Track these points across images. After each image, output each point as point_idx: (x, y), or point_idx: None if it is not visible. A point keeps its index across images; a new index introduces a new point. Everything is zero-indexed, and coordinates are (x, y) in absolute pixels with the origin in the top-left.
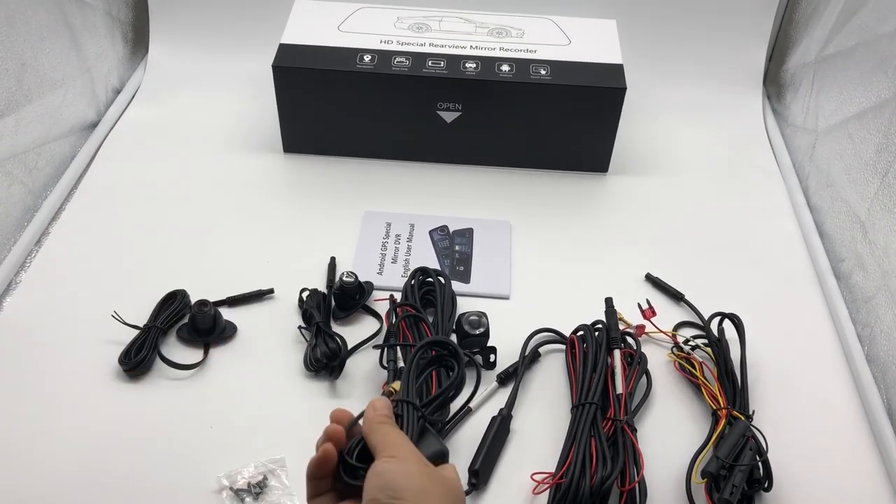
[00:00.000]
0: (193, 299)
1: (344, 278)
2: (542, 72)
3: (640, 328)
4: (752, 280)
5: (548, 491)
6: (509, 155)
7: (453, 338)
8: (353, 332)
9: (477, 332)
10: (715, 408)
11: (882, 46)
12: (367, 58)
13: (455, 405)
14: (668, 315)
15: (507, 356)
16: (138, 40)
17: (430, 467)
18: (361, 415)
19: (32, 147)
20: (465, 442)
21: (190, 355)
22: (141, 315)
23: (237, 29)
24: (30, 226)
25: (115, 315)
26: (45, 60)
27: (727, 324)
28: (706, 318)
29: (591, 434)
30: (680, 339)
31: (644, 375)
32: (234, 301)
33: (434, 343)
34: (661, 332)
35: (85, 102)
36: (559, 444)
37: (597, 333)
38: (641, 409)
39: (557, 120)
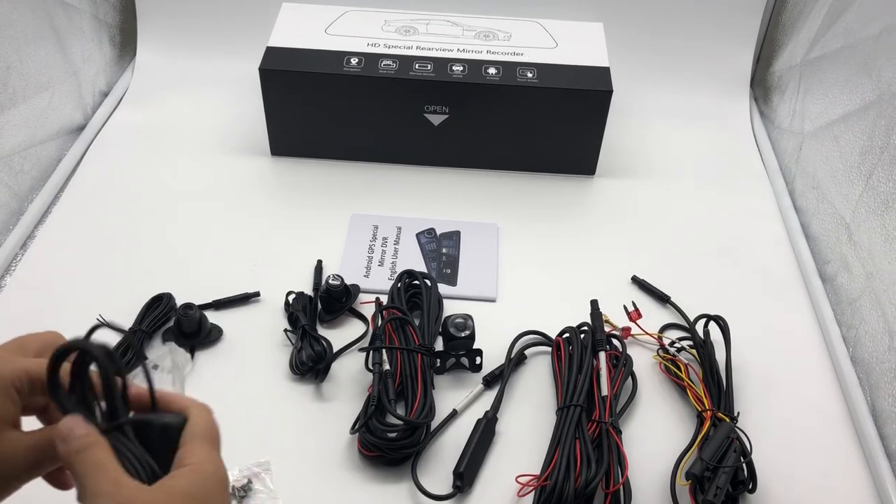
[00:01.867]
0: (179, 303)
1: (330, 281)
2: (529, 74)
3: (626, 330)
4: (738, 282)
5: (532, 493)
6: (496, 158)
7: (439, 340)
8: (339, 335)
9: (463, 334)
10: (700, 409)
11: (866, 49)
12: (354, 61)
13: (444, 409)
14: (654, 317)
15: (493, 358)
16: (126, 43)
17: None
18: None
19: (18, 150)
20: (450, 444)
21: None
22: (126, 318)
23: (225, 32)
24: (15, 229)
25: (100, 318)
26: (30, 63)
27: (713, 326)
28: (692, 320)
29: (576, 436)
30: (665, 341)
31: (629, 377)
32: (219, 304)
33: (62, 352)
34: (647, 334)
35: (71, 105)
36: (544, 446)
37: (582, 336)
38: (627, 411)
39: (544, 123)
